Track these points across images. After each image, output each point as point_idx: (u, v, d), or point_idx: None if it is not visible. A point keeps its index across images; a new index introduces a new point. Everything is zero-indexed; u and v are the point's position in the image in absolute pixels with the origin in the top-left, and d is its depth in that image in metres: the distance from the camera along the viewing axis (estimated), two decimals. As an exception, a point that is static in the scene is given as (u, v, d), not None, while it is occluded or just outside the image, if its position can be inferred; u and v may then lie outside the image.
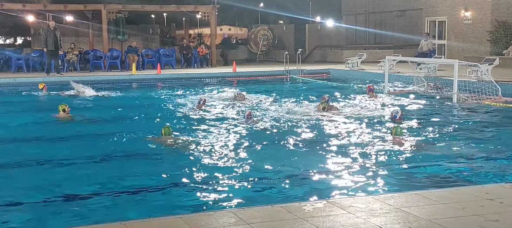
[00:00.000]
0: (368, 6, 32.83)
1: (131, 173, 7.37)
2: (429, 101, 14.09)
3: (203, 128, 10.45)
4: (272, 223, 4.55)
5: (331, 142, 9.06)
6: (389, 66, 17.60)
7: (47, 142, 9.78)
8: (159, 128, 9.69)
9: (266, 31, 31.62)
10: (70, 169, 7.67)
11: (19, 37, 42.39)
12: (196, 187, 6.69)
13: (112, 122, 11.88)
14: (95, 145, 9.32)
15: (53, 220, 5.64)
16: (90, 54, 23.48)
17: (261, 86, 18.73)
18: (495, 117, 11.90)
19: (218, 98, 14.75)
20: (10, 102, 15.53)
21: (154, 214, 5.55)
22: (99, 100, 14.97)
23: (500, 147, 8.84)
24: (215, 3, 25.46)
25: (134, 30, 28.42)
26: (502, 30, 23.61)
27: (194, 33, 40.92)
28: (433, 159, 7.92)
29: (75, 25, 27.41)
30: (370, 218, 4.63)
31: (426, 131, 9.85)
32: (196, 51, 24.82)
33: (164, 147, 8.90)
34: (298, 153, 8.54)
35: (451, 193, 5.47)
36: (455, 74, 13.79)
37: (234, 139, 9.33)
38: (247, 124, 10.54)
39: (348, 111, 12.27)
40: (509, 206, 4.94)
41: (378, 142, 9.02)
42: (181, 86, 18.38)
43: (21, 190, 6.67)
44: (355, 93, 15.66)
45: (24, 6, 24.26)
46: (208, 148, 8.66)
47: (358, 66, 22.61)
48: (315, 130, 10.16)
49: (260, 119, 11.23)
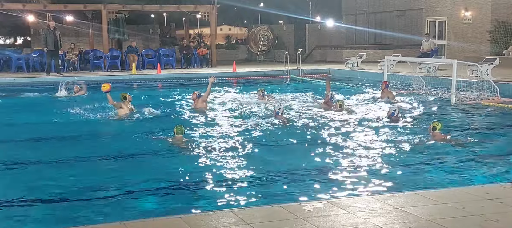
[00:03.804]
0: (368, 6, 32.82)
1: (131, 173, 7.38)
2: (428, 101, 14.09)
3: (203, 127, 10.46)
4: (272, 223, 4.55)
5: (331, 142, 9.07)
6: (389, 66, 17.60)
7: (51, 142, 9.78)
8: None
9: (266, 31, 31.61)
10: (72, 169, 7.68)
11: (19, 37, 42.43)
12: (196, 187, 6.70)
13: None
14: (99, 145, 9.34)
15: (54, 220, 5.65)
16: (90, 54, 23.49)
17: (261, 87, 18.69)
18: (494, 117, 11.90)
19: (238, 99, 14.68)
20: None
21: (154, 214, 5.56)
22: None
23: (499, 147, 8.84)
24: (215, 3, 25.44)
25: (134, 30, 28.42)
26: (502, 30, 23.61)
27: (194, 33, 40.90)
28: (433, 159, 7.92)
29: (75, 25, 27.42)
30: (370, 218, 4.63)
31: (425, 131, 9.84)
32: (196, 51, 24.82)
33: (168, 147, 8.88)
34: (298, 152, 8.54)
35: (451, 193, 5.47)
36: (454, 74, 13.78)
37: (234, 140, 9.33)
38: (277, 121, 10.77)
39: (351, 111, 12.29)
40: (509, 206, 4.94)
41: (378, 141, 9.03)
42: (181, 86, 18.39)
43: (9, 189, 6.67)
44: (355, 93, 15.68)
45: (24, 6, 24.25)
46: (208, 148, 8.66)
47: (358, 66, 22.61)
48: (315, 130, 10.17)
49: (289, 116, 11.28)
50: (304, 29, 32.61)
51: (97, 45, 26.15)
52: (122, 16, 24.86)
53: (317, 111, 12.30)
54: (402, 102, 13.79)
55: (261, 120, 11.14)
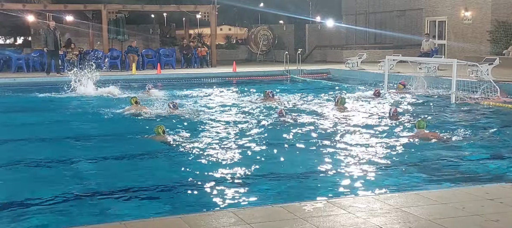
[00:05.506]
0: (368, 6, 32.80)
1: (131, 173, 7.37)
2: (428, 101, 14.09)
3: (204, 127, 10.46)
4: (272, 223, 4.54)
5: (331, 142, 9.06)
6: (389, 66, 17.60)
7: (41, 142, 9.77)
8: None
9: (266, 31, 31.60)
10: (72, 169, 7.68)
11: (19, 37, 42.42)
12: (196, 187, 6.69)
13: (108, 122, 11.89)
14: (92, 145, 9.33)
15: (54, 220, 5.65)
16: (90, 54, 23.48)
17: (261, 86, 18.71)
18: (494, 116, 11.89)
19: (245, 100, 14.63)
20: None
21: (154, 214, 5.55)
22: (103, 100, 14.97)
23: (499, 147, 8.84)
24: (215, 3, 25.44)
25: (134, 30, 28.42)
26: (502, 30, 23.61)
27: (194, 33, 40.89)
28: (433, 159, 7.92)
29: (75, 25, 27.41)
30: (370, 218, 4.63)
31: (436, 131, 9.83)
32: (196, 51, 24.82)
33: (164, 146, 8.89)
34: (298, 152, 8.54)
35: (451, 193, 5.47)
36: (454, 74, 13.78)
37: (234, 139, 9.33)
38: (280, 121, 10.87)
39: (352, 110, 12.30)
40: (509, 206, 4.94)
41: (378, 141, 9.03)
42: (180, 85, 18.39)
43: (9, 189, 6.66)
44: (357, 92, 15.68)
45: (24, 6, 24.26)
46: (208, 148, 8.66)
47: (358, 66, 22.60)
48: (314, 130, 10.16)
49: (291, 116, 11.30)
50: (304, 29, 32.61)
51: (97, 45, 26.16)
52: (122, 16, 24.85)
53: (318, 111, 12.31)
54: (402, 102, 13.79)
55: (262, 120, 11.14)
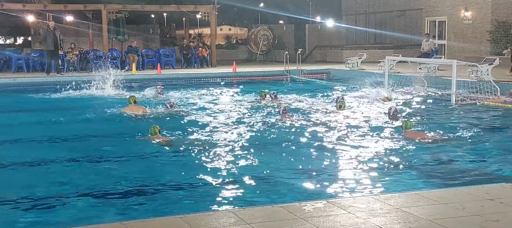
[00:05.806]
0: (368, 6, 32.81)
1: (131, 173, 7.37)
2: (428, 101, 14.09)
3: (204, 127, 10.46)
4: (272, 223, 4.55)
5: (331, 142, 9.07)
6: (389, 66, 17.60)
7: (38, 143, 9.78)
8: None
9: (266, 31, 31.61)
10: (72, 169, 7.68)
11: (19, 37, 42.42)
12: (196, 187, 6.69)
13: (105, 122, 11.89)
14: (91, 146, 9.33)
15: (54, 220, 5.65)
16: (90, 54, 23.48)
17: (261, 86, 18.70)
18: (494, 117, 11.90)
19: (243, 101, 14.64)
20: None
21: (154, 214, 5.55)
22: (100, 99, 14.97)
23: (499, 147, 8.83)
24: (215, 3, 25.44)
25: (134, 30, 28.41)
26: (502, 30, 23.61)
27: (194, 33, 40.90)
28: (433, 159, 7.92)
29: (75, 25, 27.40)
30: (370, 218, 4.63)
31: (425, 131, 9.84)
32: (196, 51, 24.82)
33: (162, 146, 8.89)
34: (298, 152, 8.54)
35: (451, 193, 5.47)
36: (454, 74, 13.78)
37: (234, 139, 9.33)
38: (282, 118, 10.91)
39: (352, 110, 12.30)
40: (509, 206, 4.94)
41: (378, 141, 9.03)
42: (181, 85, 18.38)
43: (9, 190, 6.66)
44: (354, 92, 15.68)
45: (24, 6, 24.26)
46: (208, 147, 8.65)
47: (358, 66, 22.61)
48: (314, 130, 10.16)
49: (292, 116, 11.31)
50: (304, 29, 32.61)
51: (97, 45, 26.11)
52: (122, 16, 24.84)
53: (318, 111, 12.31)
54: (402, 102, 13.79)
55: (262, 120, 11.14)
